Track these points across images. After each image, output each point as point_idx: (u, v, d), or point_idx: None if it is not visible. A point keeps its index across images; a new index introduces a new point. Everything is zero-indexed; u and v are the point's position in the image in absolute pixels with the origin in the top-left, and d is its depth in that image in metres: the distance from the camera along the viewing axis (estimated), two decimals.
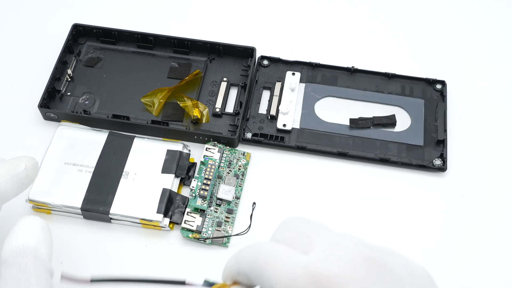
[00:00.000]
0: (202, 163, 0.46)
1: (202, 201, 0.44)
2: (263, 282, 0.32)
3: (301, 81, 0.51)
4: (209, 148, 0.46)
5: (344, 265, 0.29)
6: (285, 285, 0.30)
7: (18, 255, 0.33)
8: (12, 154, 0.39)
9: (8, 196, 0.36)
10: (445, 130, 0.48)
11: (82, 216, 0.44)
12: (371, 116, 0.49)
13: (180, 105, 0.48)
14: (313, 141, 0.48)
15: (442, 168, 0.47)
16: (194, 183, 0.44)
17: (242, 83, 0.51)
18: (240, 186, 0.45)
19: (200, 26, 0.56)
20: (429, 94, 0.51)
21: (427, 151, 0.48)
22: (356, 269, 0.29)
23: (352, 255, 0.30)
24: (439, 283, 0.34)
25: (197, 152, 0.47)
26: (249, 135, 0.48)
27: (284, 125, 0.49)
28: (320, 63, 0.52)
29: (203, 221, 0.43)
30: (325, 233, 0.32)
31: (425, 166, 0.47)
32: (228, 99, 0.50)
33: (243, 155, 0.47)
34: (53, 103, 0.49)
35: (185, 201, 0.44)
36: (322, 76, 0.52)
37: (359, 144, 0.48)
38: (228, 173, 0.46)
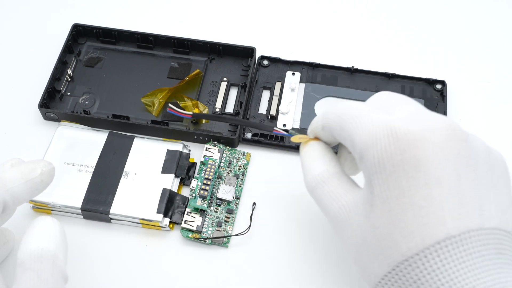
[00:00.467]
0: (202, 163, 0.46)
1: (202, 201, 0.44)
2: (345, 134, 0.33)
3: (301, 81, 0.51)
4: (209, 148, 0.46)
5: (424, 126, 0.31)
6: (365, 137, 0.31)
7: (37, 259, 0.33)
8: (12, 154, 0.40)
9: (21, 200, 0.36)
10: None
11: (82, 216, 0.44)
12: None
13: (180, 105, 0.48)
14: None
15: None
16: (194, 183, 0.44)
17: (242, 83, 0.51)
18: (240, 186, 0.45)
19: (200, 26, 0.56)
20: (429, 94, 0.51)
21: None
22: (434, 132, 0.30)
23: (434, 121, 0.31)
24: None
25: (197, 152, 0.47)
26: (249, 135, 0.48)
27: (284, 125, 0.49)
28: (320, 63, 0.52)
29: (203, 221, 0.43)
30: (416, 105, 0.34)
31: None
32: (228, 99, 0.50)
33: (243, 155, 0.47)
34: (53, 103, 0.49)
35: (185, 201, 0.44)
36: (322, 76, 0.52)
37: None
38: (228, 173, 0.46)
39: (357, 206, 0.33)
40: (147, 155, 0.45)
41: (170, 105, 0.45)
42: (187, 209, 0.44)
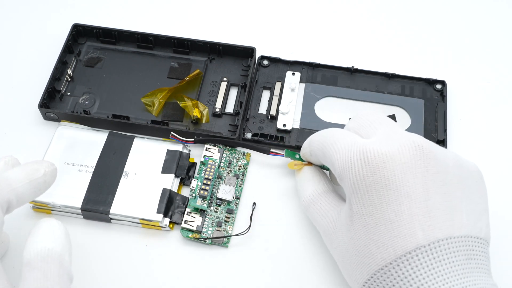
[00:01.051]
0: (202, 163, 0.46)
1: (202, 201, 0.44)
2: (327, 160, 0.38)
3: (301, 81, 0.51)
4: (209, 148, 0.46)
5: (393, 147, 0.34)
6: (342, 162, 0.35)
7: (43, 259, 0.33)
8: (12, 154, 0.40)
9: (24, 200, 0.36)
10: (445, 130, 0.48)
11: (82, 216, 0.44)
12: None
13: (180, 105, 0.48)
14: None
15: None
16: (194, 183, 0.44)
17: (242, 83, 0.51)
18: (240, 186, 0.45)
19: (200, 26, 0.56)
20: (429, 94, 0.51)
21: None
22: (402, 152, 0.34)
23: (403, 141, 0.34)
24: None
25: (197, 152, 0.47)
26: (249, 135, 0.48)
27: (284, 125, 0.49)
28: (320, 63, 0.52)
29: (203, 221, 0.43)
30: (389, 125, 0.37)
31: None
32: (228, 99, 0.50)
33: (243, 155, 0.47)
34: (53, 103, 0.49)
35: (185, 201, 0.44)
36: (322, 76, 0.52)
37: None
38: (228, 173, 0.46)
39: (341, 220, 0.37)
40: (147, 155, 0.45)
41: (172, 133, 0.46)
42: (187, 209, 0.44)
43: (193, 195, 0.44)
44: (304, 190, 0.41)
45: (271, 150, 0.46)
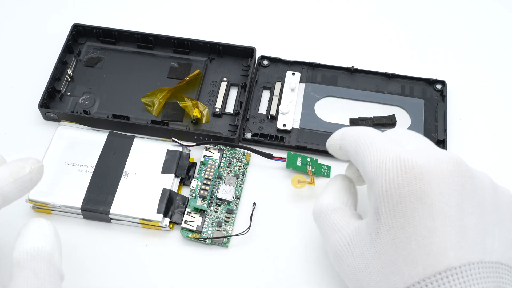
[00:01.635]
0: (202, 163, 0.46)
1: (202, 201, 0.44)
2: (358, 159, 0.36)
3: (301, 81, 0.51)
4: (209, 148, 0.46)
5: (431, 160, 0.33)
6: (376, 165, 0.34)
7: (33, 258, 0.33)
8: (12, 154, 0.40)
9: (9, 199, 0.36)
10: (445, 130, 0.48)
11: (82, 216, 0.44)
12: (371, 116, 0.49)
13: (180, 105, 0.48)
14: (313, 141, 0.48)
15: None
16: (194, 183, 0.44)
17: (242, 83, 0.51)
18: (240, 186, 0.45)
19: (200, 26, 0.56)
20: (429, 94, 0.51)
21: None
22: (440, 167, 0.32)
23: (441, 156, 0.33)
24: None
25: (197, 152, 0.47)
26: (249, 135, 0.48)
27: (284, 125, 0.49)
28: (320, 63, 0.52)
29: (203, 221, 0.43)
30: (425, 141, 0.36)
31: None
32: (228, 99, 0.50)
33: (243, 155, 0.47)
34: (53, 103, 0.49)
35: (185, 201, 0.44)
36: (322, 76, 0.52)
37: None
38: (228, 173, 0.46)
39: (360, 235, 0.35)
40: (147, 155, 0.45)
41: (173, 138, 0.46)
42: (187, 209, 0.44)
43: (193, 195, 0.44)
44: (323, 197, 0.39)
45: (273, 155, 0.46)
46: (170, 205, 0.44)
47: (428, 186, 0.32)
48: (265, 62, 0.52)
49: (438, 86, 0.51)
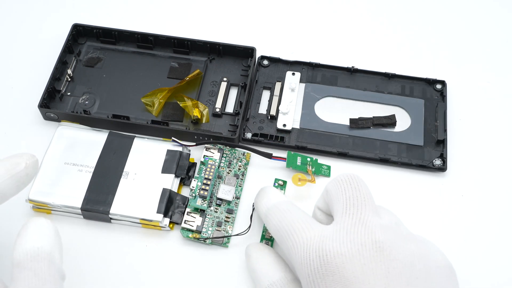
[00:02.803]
0: (202, 163, 0.46)
1: (202, 201, 0.44)
2: (283, 249, 0.36)
3: (301, 81, 0.51)
4: (209, 148, 0.46)
5: (353, 247, 0.33)
6: (300, 256, 0.34)
7: (33, 258, 0.33)
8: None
9: (7, 196, 0.36)
10: (445, 130, 0.48)
11: (82, 216, 0.44)
12: (371, 116, 0.49)
13: (180, 105, 0.48)
14: (313, 141, 0.48)
15: (442, 168, 0.47)
16: (194, 183, 0.44)
17: (242, 83, 0.51)
18: (240, 186, 0.45)
19: (200, 26, 0.56)
20: (429, 94, 0.51)
21: (427, 151, 0.48)
22: (362, 253, 0.32)
23: (364, 239, 0.33)
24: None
25: (197, 152, 0.47)
26: (249, 135, 0.48)
27: (284, 125, 0.49)
28: (320, 63, 0.52)
29: (203, 221, 0.43)
30: (360, 210, 0.35)
31: (425, 166, 0.47)
32: (228, 99, 0.50)
33: (243, 155, 0.47)
34: (53, 103, 0.49)
35: (185, 201, 0.44)
36: (322, 76, 0.52)
37: (359, 144, 0.48)
38: (228, 173, 0.46)
39: None
40: (147, 155, 0.45)
41: (173, 138, 0.46)
42: (187, 209, 0.44)
43: (193, 195, 0.44)
44: (266, 276, 0.38)
45: (273, 155, 0.46)
46: (170, 205, 0.44)
47: (351, 274, 0.32)
48: (265, 62, 0.52)
49: (438, 86, 0.51)
